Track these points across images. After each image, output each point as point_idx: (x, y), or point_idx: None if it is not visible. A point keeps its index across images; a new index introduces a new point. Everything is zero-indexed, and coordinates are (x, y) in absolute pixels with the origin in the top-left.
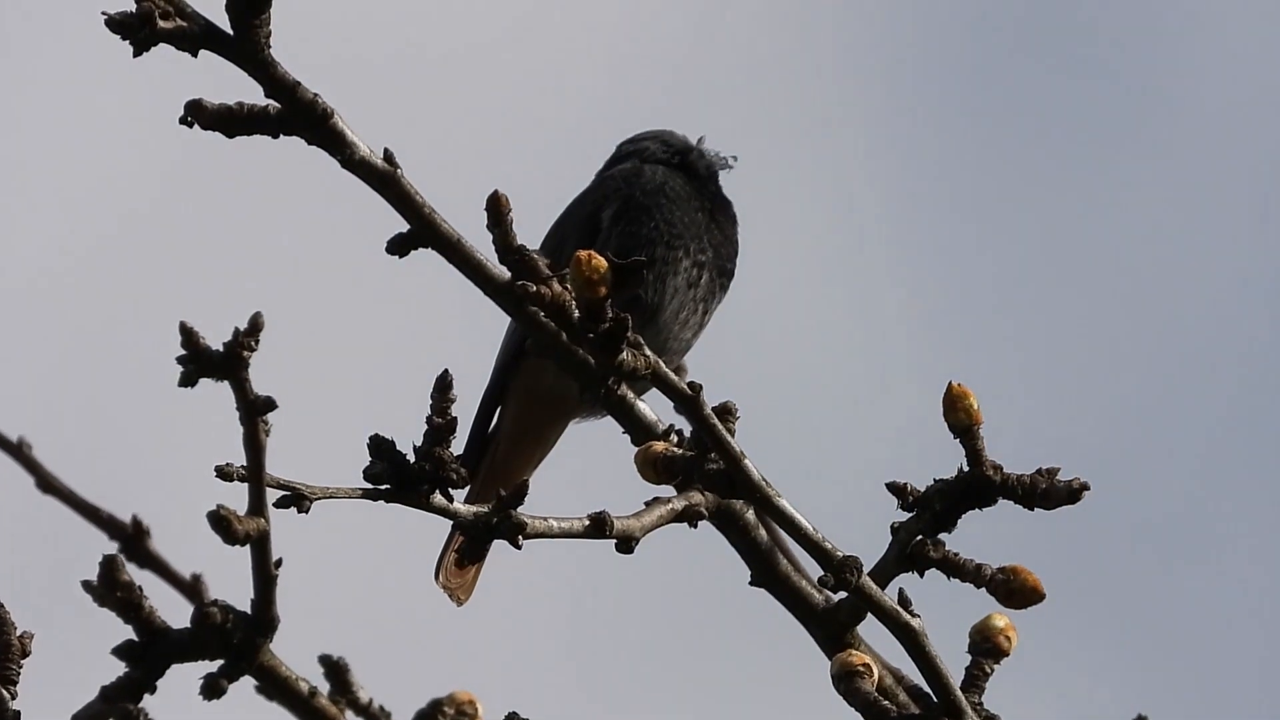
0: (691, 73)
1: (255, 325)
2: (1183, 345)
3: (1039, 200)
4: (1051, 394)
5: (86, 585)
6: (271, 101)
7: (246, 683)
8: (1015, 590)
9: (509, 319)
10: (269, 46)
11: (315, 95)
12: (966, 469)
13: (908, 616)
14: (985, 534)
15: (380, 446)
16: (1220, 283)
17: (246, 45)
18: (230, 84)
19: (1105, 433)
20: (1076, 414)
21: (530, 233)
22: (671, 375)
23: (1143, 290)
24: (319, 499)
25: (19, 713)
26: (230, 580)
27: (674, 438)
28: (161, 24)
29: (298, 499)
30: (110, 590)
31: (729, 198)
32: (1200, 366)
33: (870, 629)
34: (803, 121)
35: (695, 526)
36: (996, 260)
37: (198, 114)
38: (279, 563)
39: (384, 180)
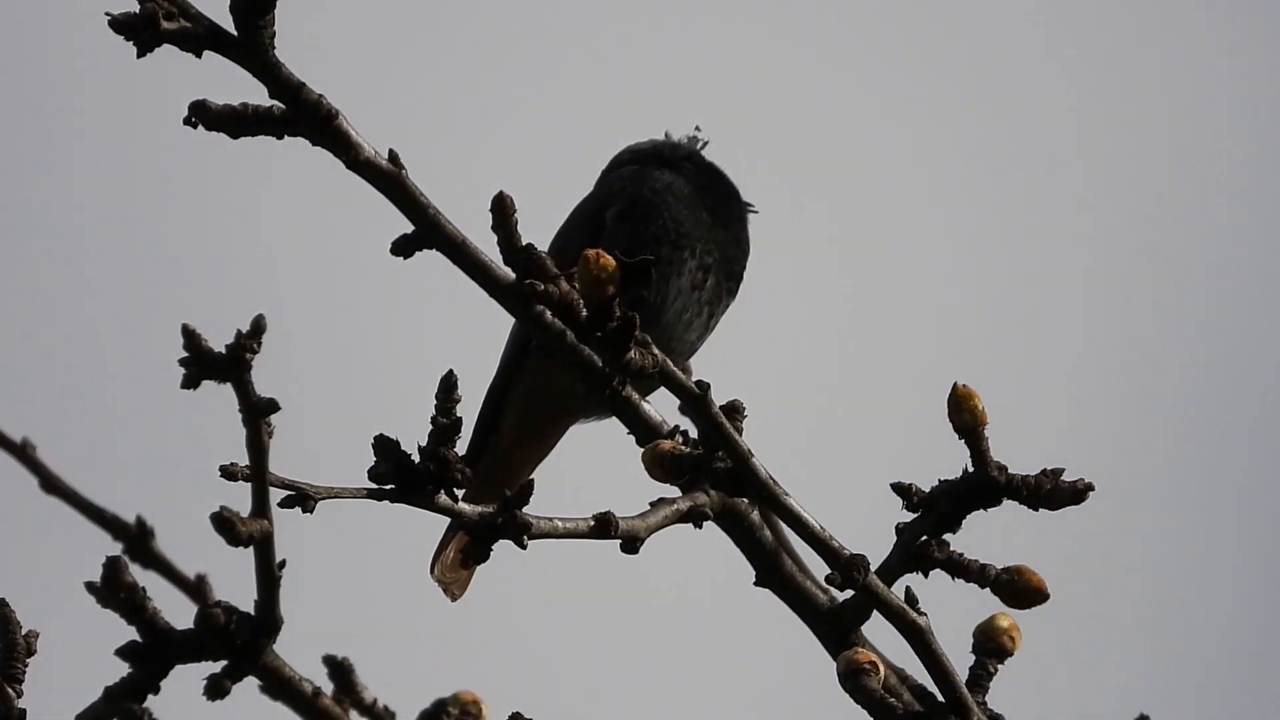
0: (701, 72)
1: (258, 327)
2: (1188, 342)
3: (1045, 196)
4: (1056, 392)
5: (90, 586)
6: (276, 102)
7: (250, 683)
8: (1019, 590)
9: (513, 320)
10: (273, 47)
11: (320, 96)
12: (971, 470)
13: (914, 615)
14: (990, 534)
15: (385, 447)
16: (1224, 280)
17: (251, 46)
18: (235, 84)
19: (1110, 432)
20: (1081, 413)
21: (535, 235)
22: (679, 374)
23: (1149, 287)
24: (323, 499)
25: (24, 711)
26: (234, 580)
27: (679, 438)
28: (165, 25)
29: (302, 499)
30: (114, 591)
31: (735, 186)
32: (1209, 366)
33: (873, 629)
34: (807, 116)
35: (700, 527)
36: (1002, 258)
37: (202, 115)
38: (282, 564)
39: (389, 181)
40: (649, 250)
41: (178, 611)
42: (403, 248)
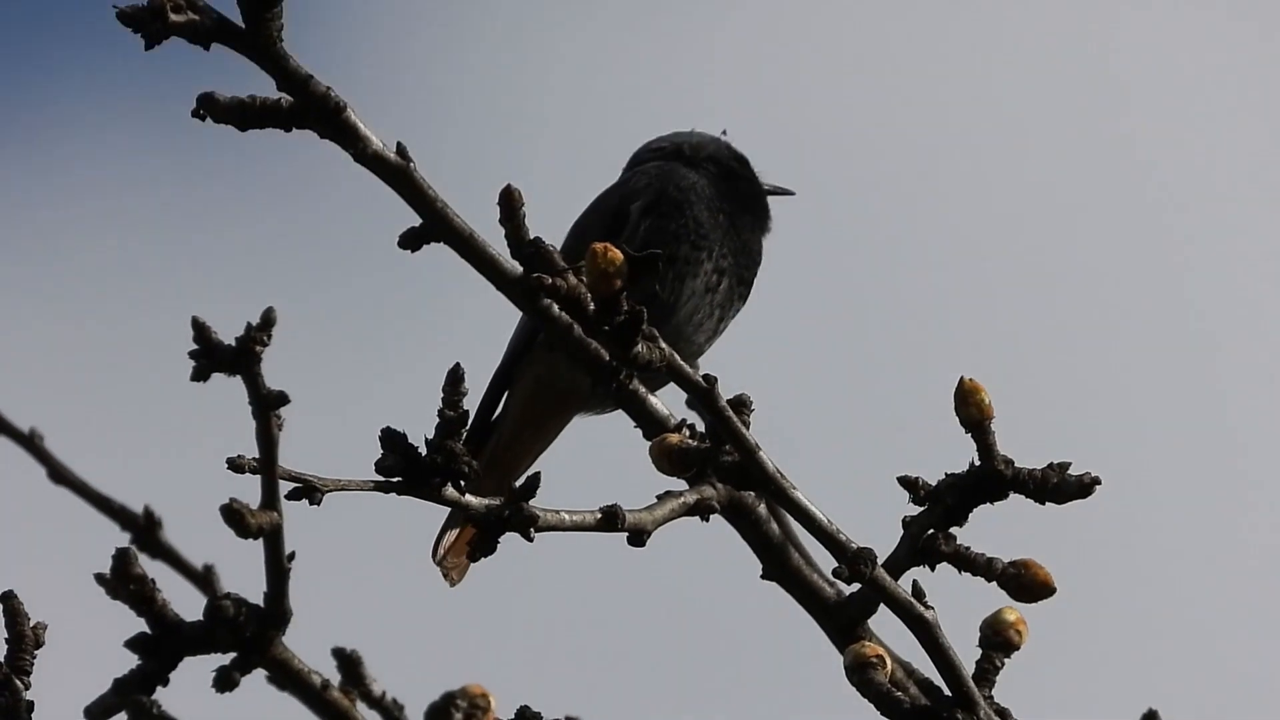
0: (706, 66)
1: (267, 320)
2: (1195, 336)
3: (1046, 187)
4: (1063, 388)
5: (99, 578)
6: (284, 95)
7: (259, 675)
8: (1026, 584)
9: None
10: (281, 40)
11: (328, 89)
12: (978, 463)
13: (921, 608)
14: (997, 528)
15: (392, 439)
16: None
17: (259, 38)
18: (243, 77)
19: (1118, 427)
20: (1089, 408)
21: (542, 229)
22: (687, 368)
23: (1153, 284)
24: (331, 491)
25: (33, 703)
26: (243, 571)
27: (686, 431)
28: (173, 17)
29: (309, 491)
30: (123, 583)
31: (759, 185)
32: (1216, 361)
33: (878, 624)
34: (814, 107)
35: (707, 520)
36: (1005, 253)
37: (210, 107)
38: (292, 556)
39: (396, 175)
40: (668, 248)
41: (186, 602)
42: (411, 241)
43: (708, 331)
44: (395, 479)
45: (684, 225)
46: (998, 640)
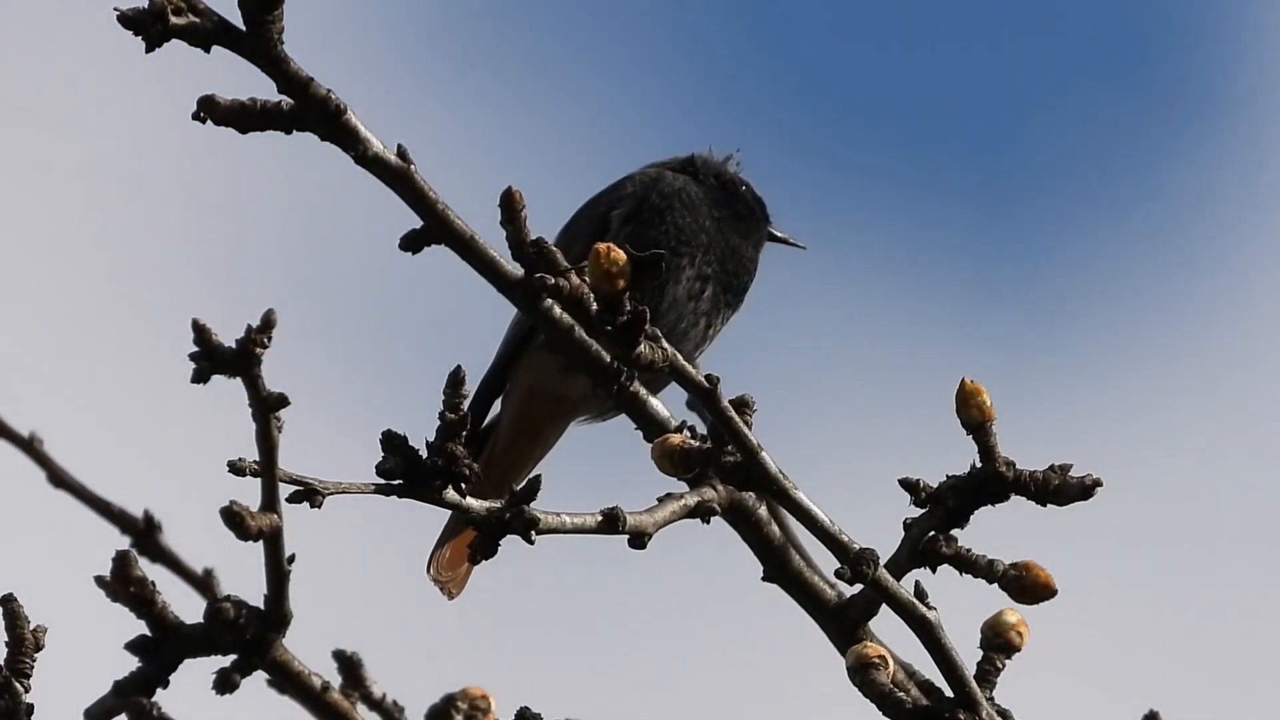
0: (713, 77)
1: (268, 322)
2: (1195, 335)
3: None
4: (1064, 387)
5: (99, 580)
6: (284, 97)
7: (259, 677)
8: (1027, 586)
9: (513, 313)
10: (282, 42)
11: (328, 91)
12: (979, 465)
13: (924, 609)
14: (998, 530)
15: (393, 442)
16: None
17: (259, 41)
18: (243, 79)
19: (1119, 427)
20: (1090, 409)
21: (543, 231)
22: (689, 368)
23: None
24: (332, 494)
25: (33, 706)
26: (242, 574)
27: (686, 433)
28: (174, 20)
29: (310, 494)
30: (123, 586)
31: (757, 198)
32: (1213, 359)
33: (880, 626)
34: (818, 124)
35: (708, 522)
36: (1009, 260)
37: (210, 110)
38: (292, 558)
39: (397, 177)
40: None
41: (185, 606)
42: (411, 243)
43: (694, 340)
44: (396, 481)
45: (664, 232)
46: (999, 642)
